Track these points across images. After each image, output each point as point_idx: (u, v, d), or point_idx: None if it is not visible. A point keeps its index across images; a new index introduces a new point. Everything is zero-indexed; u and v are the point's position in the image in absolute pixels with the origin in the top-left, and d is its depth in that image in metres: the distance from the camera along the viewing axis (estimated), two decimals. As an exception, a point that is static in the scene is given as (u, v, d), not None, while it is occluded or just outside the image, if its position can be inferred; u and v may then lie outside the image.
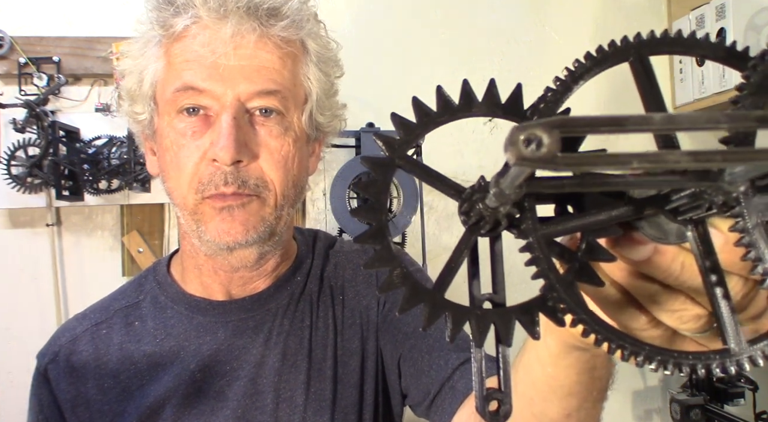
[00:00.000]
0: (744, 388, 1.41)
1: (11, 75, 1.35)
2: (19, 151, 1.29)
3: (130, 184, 1.32)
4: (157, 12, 0.65)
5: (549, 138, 0.18)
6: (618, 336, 0.25)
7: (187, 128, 0.65)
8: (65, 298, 1.40)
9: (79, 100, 1.40)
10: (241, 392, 0.72)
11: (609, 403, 0.50)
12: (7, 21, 1.39)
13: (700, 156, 0.20)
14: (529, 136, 0.18)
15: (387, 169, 0.25)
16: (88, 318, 0.78)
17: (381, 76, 1.55)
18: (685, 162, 0.20)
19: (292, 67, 0.67)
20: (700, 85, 1.53)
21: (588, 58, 0.26)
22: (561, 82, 0.26)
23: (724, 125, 0.20)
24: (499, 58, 1.61)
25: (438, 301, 0.25)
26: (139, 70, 0.68)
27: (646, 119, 0.20)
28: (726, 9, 1.43)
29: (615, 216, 0.25)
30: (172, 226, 1.45)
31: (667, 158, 0.20)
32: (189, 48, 0.63)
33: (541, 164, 0.18)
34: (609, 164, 0.20)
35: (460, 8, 1.59)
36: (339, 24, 1.52)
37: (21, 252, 1.40)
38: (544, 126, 0.18)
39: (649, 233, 0.26)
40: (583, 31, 1.65)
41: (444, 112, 0.27)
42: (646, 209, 0.25)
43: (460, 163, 1.57)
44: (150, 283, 0.79)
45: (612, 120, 0.19)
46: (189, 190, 0.66)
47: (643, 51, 0.26)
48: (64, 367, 0.73)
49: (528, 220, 0.23)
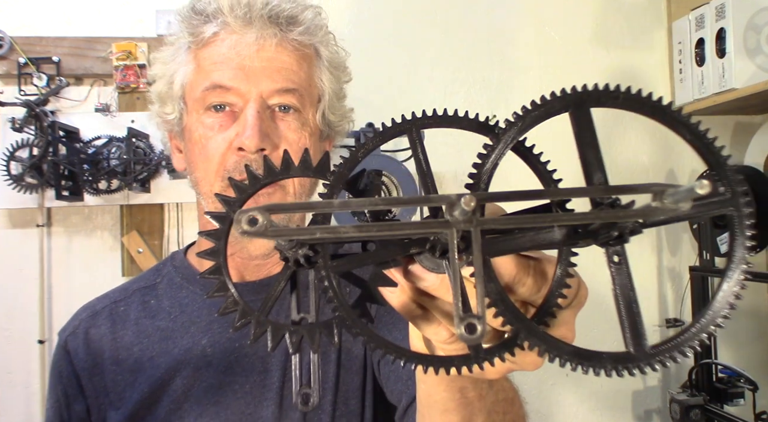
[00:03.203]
0: (744, 388, 1.41)
1: (11, 75, 1.35)
2: (19, 151, 1.29)
3: (129, 184, 1.32)
4: (188, 21, 0.73)
5: (262, 217, 0.27)
6: (395, 349, 0.32)
7: (214, 122, 0.72)
8: (65, 298, 1.40)
9: (79, 101, 1.40)
10: (249, 368, 0.75)
11: (609, 403, 0.50)
12: (7, 21, 1.39)
13: (362, 228, 0.29)
14: (249, 217, 0.27)
15: (225, 220, 0.33)
16: (108, 297, 0.84)
17: (381, 76, 1.55)
18: (351, 232, 0.29)
19: (307, 69, 0.75)
20: (700, 85, 1.53)
21: (371, 137, 0.34)
22: (348, 154, 0.33)
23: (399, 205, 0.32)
24: (499, 59, 1.61)
25: (261, 320, 0.33)
26: (169, 74, 0.75)
27: (329, 204, 0.29)
28: (726, 9, 1.43)
29: (392, 253, 0.32)
30: (171, 226, 1.45)
31: (338, 230, 0.29)
32: (216, 51, 0.71)
33: (257, 235, 0.27)
34: (299, 234, 0.29)
35: (460, 8, 1.59)
36: (339, 24, 1.52)
37: (21, 252, 1.40)
38: (260, 210, 0.27)
39: (425, 264, 0.33)
40: (583, 31, 1.65)
41: (268, 176, 0.34)
42: (413, 248, 0.32)
43: (460, 163, 1.57)
44: (167, 268, 0.85)
45: (306, 205, 0.29)
46: (216, 178, 0.72)
47: (417, 123, 0.34)
48: (82, 339, 0.79)
49: (320, 259, 0.31)
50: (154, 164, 1.34)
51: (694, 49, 1.55)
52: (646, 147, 1.67)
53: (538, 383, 1.59)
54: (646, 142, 1.67)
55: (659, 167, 1.67)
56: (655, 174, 1.67)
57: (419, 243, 0.32)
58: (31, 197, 1.31)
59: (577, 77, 1.64)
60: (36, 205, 1.34)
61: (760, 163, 1.56)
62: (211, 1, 0.72)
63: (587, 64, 1.64)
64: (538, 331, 0.31)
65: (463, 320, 0.27)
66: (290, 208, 0.30)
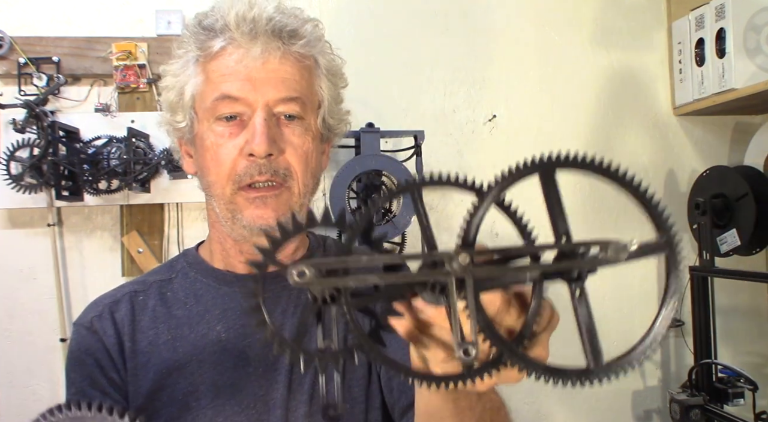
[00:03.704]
0: (744, 388, 1.41)
1: (11, 75, 1.35)
2: (20, 151, 1.29)
3: (129, 184, 1.32)
4: (196, 36, 0.79)
5: (309, 271, 0.36)
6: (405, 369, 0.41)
7: (224, 131, 0.78)
8: (65, 298, 1.40)
9: (79, 100, 1.40)
10: (261, 352, 0.81)
11: (609, 403, 0.52)
12: (7, 21, 1.39)
13: (383, 277, 0.39)
14: (299, 271, 0.36)
15: (261, 267, 0.40)
16: (127, 287, 0.89)
17: (381, 76, 1.55)
18: (375, 279, 0.39)
19: (308, 78, 0.81)
20: (700, 85, 1.53)
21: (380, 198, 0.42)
22: (364, 211, 0.41)
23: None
24: (499, 59, 1.61)
25: (295, 349, 0.40)
26: (180, 85, 0.81)
27: (359, 260, 0.39)
28: (726, 9, 1.43)
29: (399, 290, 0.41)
30: (171, 226, 1.45)
31: (366, 278, 0.38)
32: (224, 64, 0.77)
33: (307, 286, 0.37)
34: (336, 283, 0.38)
35: (460, 9, 1.59)
36: (339, 24, 1.52)
37: (21, 252, 1.40)
38: (306, 265, 0.36)
39: (427, 299, 0.41)
40: (583, 31, 1.65)
41: (296, 229, 0.40)
42: (417, 287, 0.41)
43: (460, 163, 1.57)
44: (181, 263, 0.90)
45: (340, 261, 0.38)
46: (227, 182, 0.78)
47: (418, 185, 0.41)
48: (109, 319, 0.84)
49: (341, 297, 0.39)
50: (154, 164, 1.34)
51: (694, 49, 1.55)
52: (646, 147, 1.67)
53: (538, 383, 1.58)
54: (646, 142, 1.67)
55: (659, 167, 1.67)
56: (655, 174, 1.67)
57: (422, 283, 0.41)
58: (31, 197, 1.30)
59: (577, 77, 1.64)
60: (44, 204, 1.34)
61: (760, 163, 1.56)
62: (218, 18, 0.78)
63: (587, 64, 1.64)
64: (518, 352, 0.40)
65: (461, 346, 0.37)
66: (332, 263, 0.38)
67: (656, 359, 1.64)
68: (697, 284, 1.50)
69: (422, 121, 1.55)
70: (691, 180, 1.63)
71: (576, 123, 1.63)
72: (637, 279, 1.62)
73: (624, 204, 1.63)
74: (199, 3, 1.47)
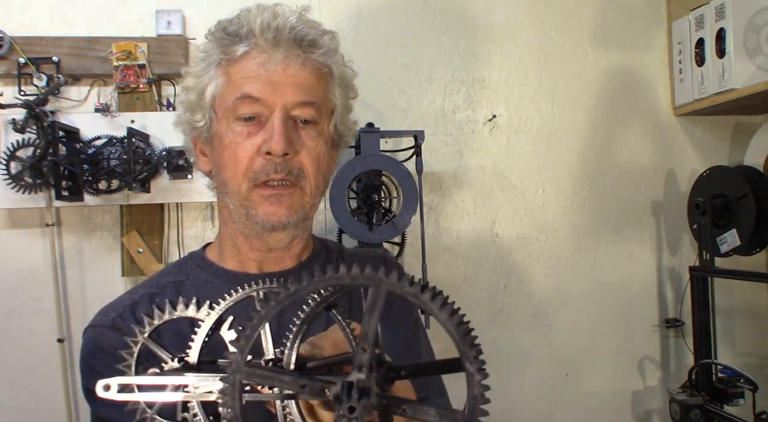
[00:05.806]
0: (744, 388, 1.41)
1: (11, 75, 1.35)
2: (20, 151, 1.29)
3: (129, 184, 1.31)
4: (220, 41, 0.83)
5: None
6: None
7: (244, 130, 0.82)
8: (65, 298, 1.39)
9: (79, 101, 1.40)
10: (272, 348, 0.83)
11: (609, 403, 0.51)
12: (7, 21, 1.39)
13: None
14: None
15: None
16: (140, 290, 0.89)
17: (381, 76, 1.55)
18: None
19: (324, 86, 0.86)
20: (700, 85, 1.53)
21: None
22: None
23: None
24: (499, 59, 1.61)
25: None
26: (201, 87, 0.85)
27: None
28: (726, 9, 1.43)
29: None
30: (171, 226, 1.45)
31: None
32: (247, 67, 0.82)
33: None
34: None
35: (459, 8, 1.59)
36: (339, 24, 1.52)
37: (20, 252, 1.40)
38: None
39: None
40: (583, 31, 1.65)
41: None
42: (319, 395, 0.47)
43: (460, 163, 1.57)
44: (189, 266, 0.91)
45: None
46: (244, 179, 0.81)
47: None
48: (129, 317, 0.85)
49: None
50: (154, 164, 1.34)
51: (694, 49, 1.55)
52: (646, 147, 1.67)
53: (538, 383, 1.59)
54: (646, 142, 1.67)
55: (659, 167, 1.67)
56: (655, 174, 1.67)
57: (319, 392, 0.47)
58: (31, 197, 1.30)
59: (577, 77, 1.64)
60: (44, 204, 1.34)
61: (760, 163, 1.56)
62: (243, 24, 0.82)
63: (587, 64, 1.65)
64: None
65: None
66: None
67: (656, 359, 1.64)
68: (697, 284, 1.50)
69: (422, 121, 1.55)
70: (691, 180, 1.63)
71: (576, 123, 1.63)
72: (637, 279, 1.62)
73: (624, 204, 1.64)
74: (199, 3, 1.48)
